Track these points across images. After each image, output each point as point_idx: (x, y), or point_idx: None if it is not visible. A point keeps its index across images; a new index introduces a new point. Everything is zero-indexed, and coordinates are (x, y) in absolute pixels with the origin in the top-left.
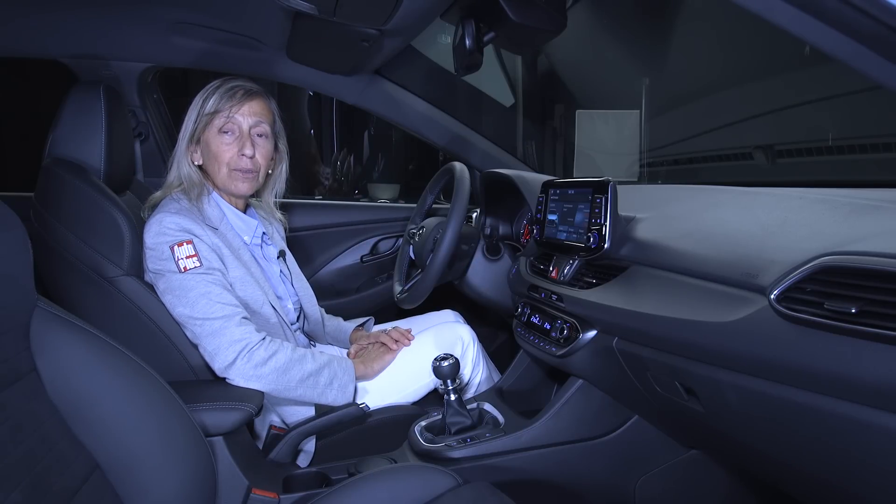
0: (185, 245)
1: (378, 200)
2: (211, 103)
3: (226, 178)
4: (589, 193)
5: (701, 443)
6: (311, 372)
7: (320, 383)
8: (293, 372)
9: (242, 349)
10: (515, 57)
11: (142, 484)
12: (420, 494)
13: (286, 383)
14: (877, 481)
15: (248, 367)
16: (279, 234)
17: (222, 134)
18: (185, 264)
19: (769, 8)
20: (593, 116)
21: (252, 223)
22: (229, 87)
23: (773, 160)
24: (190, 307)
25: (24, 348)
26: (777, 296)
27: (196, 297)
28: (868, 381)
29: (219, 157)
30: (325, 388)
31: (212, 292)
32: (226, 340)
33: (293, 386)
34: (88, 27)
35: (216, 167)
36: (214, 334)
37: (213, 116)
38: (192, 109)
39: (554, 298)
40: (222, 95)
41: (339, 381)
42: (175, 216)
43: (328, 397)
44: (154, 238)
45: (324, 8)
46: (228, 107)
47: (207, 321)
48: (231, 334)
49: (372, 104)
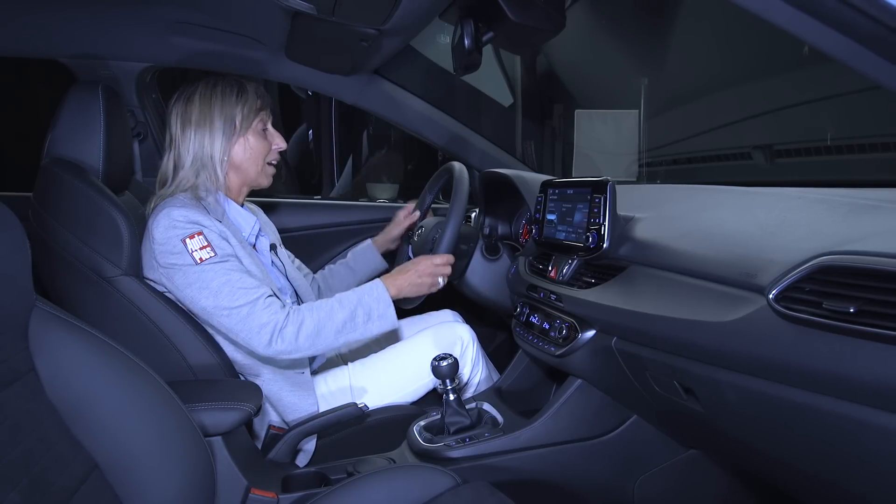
0: (197, 237)
1: (377, 200)
2: (249, 102)
3: (259, 172)
4: (588, 193)
5: (700, 443)
6: (345, 319)
7: (358, 324)
8: (327, 329)
9: (273, 331)
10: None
11: (140, 484)
12: (419, 494)
13: (326, 342)
14: (875, 481)
15: (285, 345)
16: (268, 225)
17: (261, 131)
18: (200, 255)
19: (768, 8)
20: (592, 116)
21: (251, 218)
22: (255, 87)
23: (771, 160)
24: (213, 298)
25: (23, 348)
26: (776, 295)
27: (218, 287)
28: (867, 381)
29: (259, 153)
30: (364, 326)
31: (232, 280)
32: (255, 325)
33: (332, 340)
34: (87, 27)
35: (250, 164)
36: (243, 321)
37: (251, 115)
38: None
39: (553, 298)
40: (255, 95)
41: (377, 311)
42: (182, 209)
43: (372, 331)
44: (164, 232)
45: (323, 8)
46: (263, 107)
47: (234, 310)
48: (258, 318)
49: (371, 104)
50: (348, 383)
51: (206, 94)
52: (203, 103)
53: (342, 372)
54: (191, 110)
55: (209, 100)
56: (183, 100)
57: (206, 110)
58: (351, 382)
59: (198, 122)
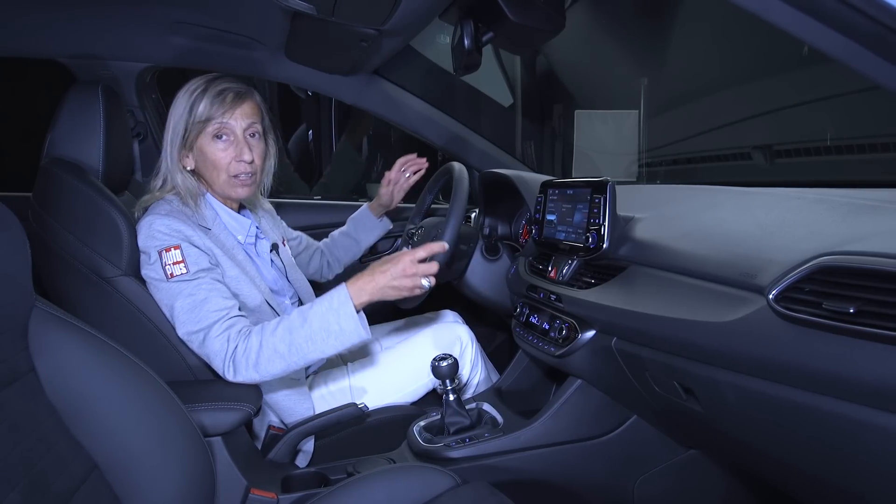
0: (174, 250)
1: None
2: (202, 109)
3: (225, 184)
4: (588, 193)
5: (699, 443)
6: (302, 339)
7: (317, 342)
8: (282, 349)
9: (225, 359)
10: (514, 57)
11: (140, 484)
12: (419, 494)
13: (283, 365)
14: (874, 481)
15: (242, 372)
16: (272, 224)
17: (217, 140)
18: (171, 270)
19: (768, 8)
20: (592, 116)
21: (246, 222)
22: (218, 90)
23: (771, 160)
24: (179, 324)
25: (23, 348)
26: (776, 296)
27: (180, 308)
28: (866, 381)
29: (217, 164)
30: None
31: (194, 302)
32: (211, 352)
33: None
34: (87, 27)
35: (214, 174)
36: (202, 346)
37: (205, 124)
38: (177, 114)
39: (553, 298)
40: (212, 100)
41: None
42: (165, 218)
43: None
44: (144, 241)
45: (322, 8)
46: (221, 112)
47: (194, 335)
48: (212, 346)
49: (371, 104)
50: (348, 383)
51: (182, 92)
52: (176, 101)
53: (342, 372)
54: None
55: (179, 97)
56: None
57: (175, 108)
58: (350, 382)
59: (169, 118)
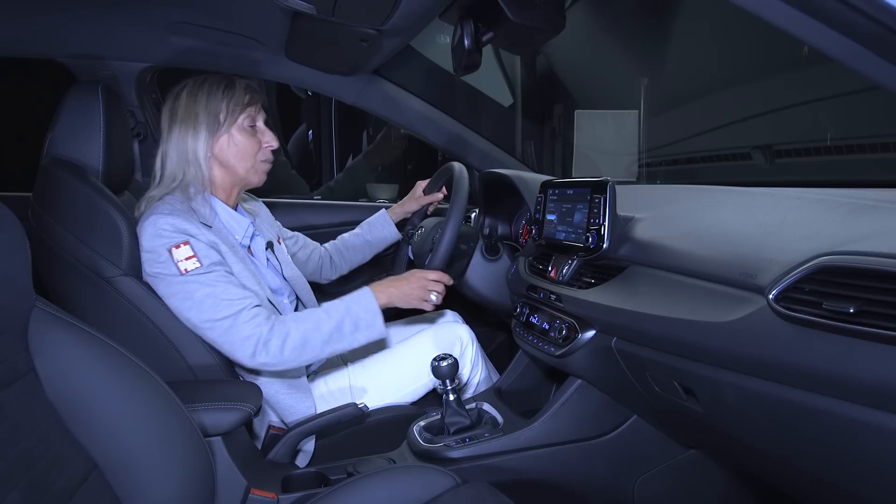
0: (183, 246)
1: (377, 200)
2: (238, 99)
3: (249, 170)
4: (588, 193)
5: (700, 443)
6: (331, 330)
7: (345, 334)
8: (313, 340)
9: (256, 343)
10: (514, 57)
11: (140, 484)
12: (419, 494)
13: (312, 353)
14: (875, 481)
15: (269, 358)
16: (267, 222)
17: (247, 129)
18: (185, 266)
19: (768, 8)
20: (592, 116)
21: (244, 221)
22: (244, 84)
23: (771, 160)
24: (197, 312)
25: (23, 348)
26: (776, 296)
27: (201, 299)
28: (866, 381)
29: (247, 151)
30: (351, 336)
31: (216, 291)
32: (238, 338)
33: (319, 351)
34: (87, 27)
35: (239, 162)
36: (226, 333)
37: (236, 112)
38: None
39: (553, 298)
40: (244, 92)
41: (365, 321)
42: (169, 217)
43: (360, 341)
44: (150, 241)
45: (322, 8)
46: (252, 103)
47: (217, 322)
48: (241, 331)
49: (371, 104)
50: (348, 384)
51: (192, 91)
52: (189, 100)
53: (342, 372)
54: (177, 107)
55: (195, 96)
56: (172, 97)
57: (192, 106)
58: (351, 383)
59: (183, 118)
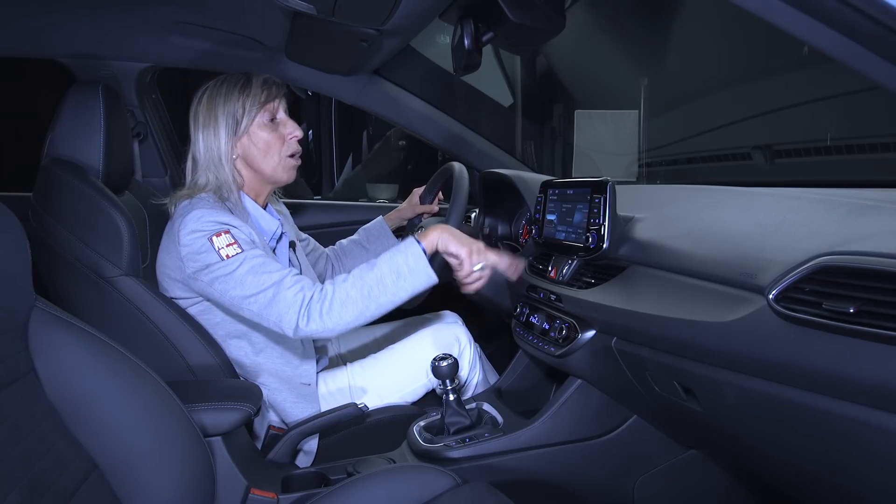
0: (224, 235)
1: (377, 200)
2: (255, 95)
3: (276, 167)
4: (587, 193)
5: (699, 442)
6: (373, 281)
7: (388, 285)
8: (353, 295)
9: (300, 308)
10: (514, 57)
11: (140, 484)
12: (419, 494)
13: (355, 309)
14: (875, 481)
15: (315, 323)
16: (289, 223)
17: (267, 122)
18: (226, 252)
19: (768, 8)
20: (592, 116)
21: (273, 223)
22: (263, 79)
23: (771, 160)
24: (241, 286)
25: (23, 348)
26: (776, 296)
27: (243, 274)
28: (866, 381)
29: (272, 145)
30: (395, 284)
31: (255, 266)
32: (283, 306)
33: (362, 307)
34: (87, 27)
35: (266, 158)
36: (271, 304)
37: (262, 108)
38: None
39: (553, 298)
40: (263, 87)
41: (408, 266)
42: (210, 210)
43: (407, 290)
44: (190, 235)
45: (322, 8)
46: (273, 96)
47: (260, 294)
48: (285, 298)
49: (371, 104)
50: (348, 384)
51: (212, 93)
52: (209, 102)
53: (342, 372)
54: (199, 110)
55: (213, 98)
56: (195, 100)
57: (211, 108)
58: (351, 383)
59: (204, 121)
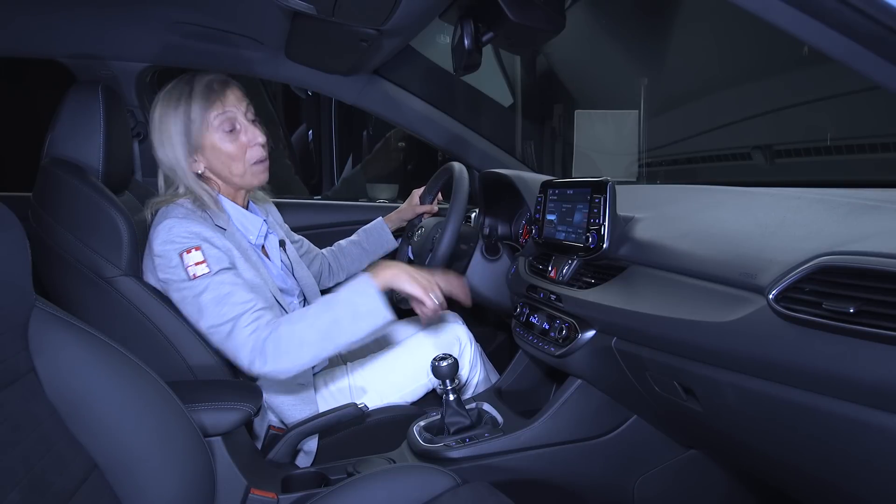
0: (194, 251)
1: (377, 200)
2: (199, 105)
3: (245, 174)
4: (587, 193)
5: (700, 443)
6: (329, 323)
7: (345, 325)
8: (310, 338)
9: (253, 349)
10: (514, 57)
11: (140, 484)
12: (419, 494)
13: (311, 351)
14: (875, 481)
15: (270, 365)
16: (276, 219)
17: (226, 132)
18: (194, 271)
19: (768, 8)
20: (592, 116)
21: (257, 221)
22: (203, 83)
23: (771, 160)
24: (202, 315)
25: (23, 348)
26: (776, 296)
27: (206, 302)
28: (866, 381)
29: (233, 155)
30: (353, 325)
31: (219, 295)
32: (238, 343)
33: (319, 349)
34: (87, 27)
35: (231, 167)
36: (227, 338)
37: (208, 118)
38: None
39: (553, 298)
40: (204, 93)
41: (365, 307)
42: (183, 221)
43: (364, 329)
44: (162, 245)
45: (322, 8)
46: (218, 101)
47: (220, 327)
48: (240, 335)
49: (371, 104)
50: (348, 383)
51: (161, 105)
52: (160, 115)
53: (342, 372)
54: (153, 125)
55: (164, 111)
56: (151, 112)
57: (163, 123)
58: (350, 382)
59: (160, 136)
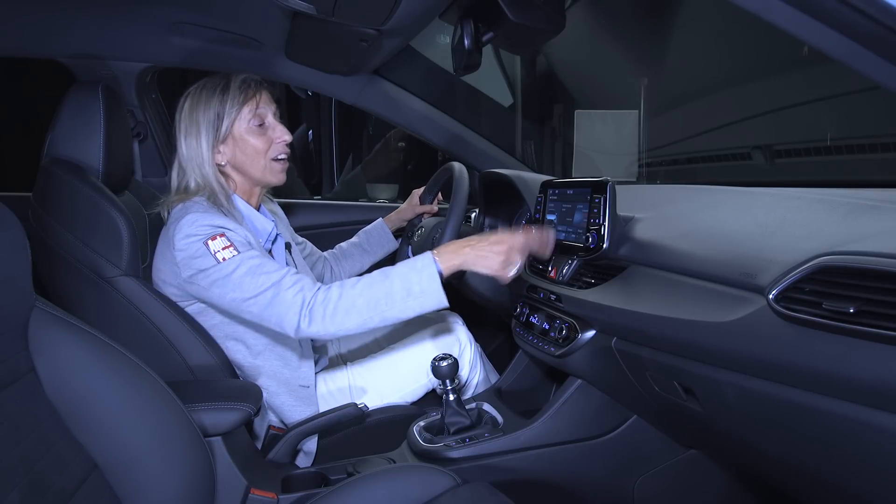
0: (219, 238)
1: (377, 200)
2: (234, 98)
3: (265, 170)
4: (588, 193)
5: (699, 443)
6: (381, 294)
7: (396, 300)
8: (359, 304)
9: (301, 309)
10: (514, 57)
11: (140, 484)
12: (419, 494)
13: (358, 318)
14: (875, 481)
15: (317, 325)
16: (284, 224)
17: (256, 126)
18: (222, 255)
19: (768, 8)
20: (592, 116)
21: (268, 224)
22: (241, 79)
23: (771, 160)
24: (239, 289)
25: (23, 348)
26: (776, 296)
27: (240, 276)
28: (866, 381)
29: (258, 149)
30: (403, 302)
31: (253, 267)
32: (283, 307)
33: (365, 317)
34: (87, 27)
35: (253, 161)
36: (270, 305)
37: (241, 111)
38: (199, 110)
39: (553, 298)
40: (241, 88)
41: (420, 286)
42: (205, 215)
43: (414, 309)
44: (185, 240)
45: (322, 8)
46: (252, 97)
47: (260, 295)
48: (284, 299)
49: (371, 104)
50: (348, 384)
51: (193, 98)
52: (191, 107)
53: (342, 372)
54: (181, 116)
55: (195, 103)
56: (179, 106)
57: (193, 114)
58: (351, 383)
59: (187, 127)
